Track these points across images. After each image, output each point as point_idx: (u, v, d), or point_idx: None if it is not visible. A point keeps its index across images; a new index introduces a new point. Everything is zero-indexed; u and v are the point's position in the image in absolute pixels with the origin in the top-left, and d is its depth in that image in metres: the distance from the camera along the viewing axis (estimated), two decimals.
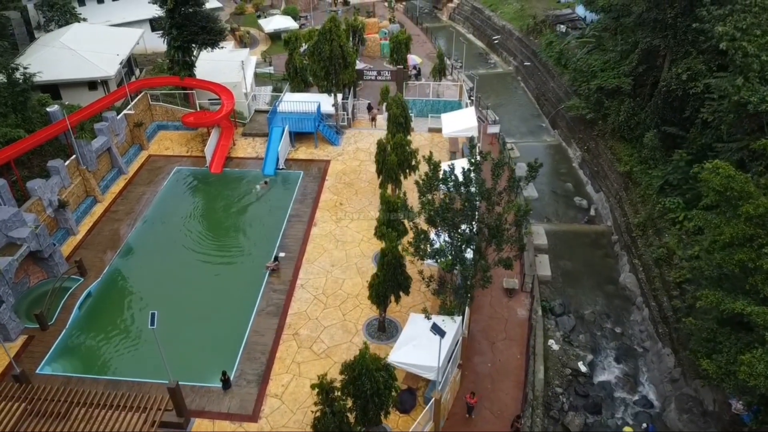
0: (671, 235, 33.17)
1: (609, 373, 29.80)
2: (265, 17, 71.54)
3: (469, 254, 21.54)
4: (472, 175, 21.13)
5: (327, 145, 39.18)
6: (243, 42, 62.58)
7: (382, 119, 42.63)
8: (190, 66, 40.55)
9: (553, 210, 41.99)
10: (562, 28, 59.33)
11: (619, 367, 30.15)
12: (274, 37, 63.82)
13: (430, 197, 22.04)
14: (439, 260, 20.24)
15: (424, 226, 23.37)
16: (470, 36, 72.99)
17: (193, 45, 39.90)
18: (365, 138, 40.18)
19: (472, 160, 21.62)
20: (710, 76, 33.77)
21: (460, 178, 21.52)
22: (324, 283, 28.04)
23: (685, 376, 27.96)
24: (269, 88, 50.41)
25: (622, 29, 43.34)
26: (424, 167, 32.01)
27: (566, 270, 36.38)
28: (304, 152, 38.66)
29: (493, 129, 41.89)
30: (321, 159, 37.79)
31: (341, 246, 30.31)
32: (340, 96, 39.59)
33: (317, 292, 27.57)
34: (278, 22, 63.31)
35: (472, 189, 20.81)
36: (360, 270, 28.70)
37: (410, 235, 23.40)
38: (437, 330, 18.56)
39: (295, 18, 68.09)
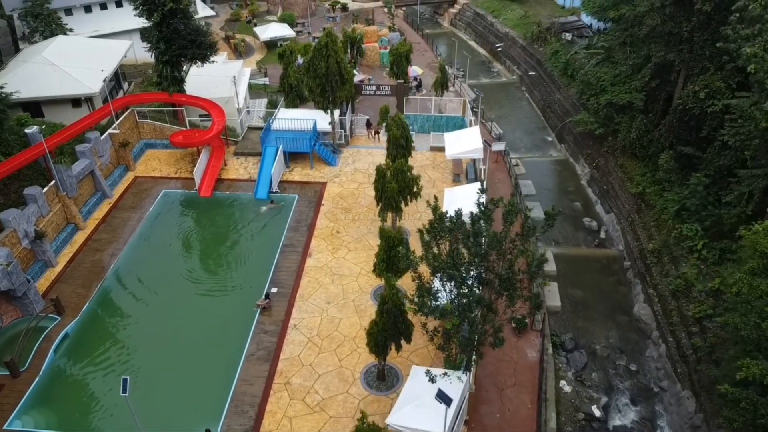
0: (689, 265, 31.18)
1: (624, 416, 27.81)
2: (257, 24, 69.43)
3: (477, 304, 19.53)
4: (482, 224, 19.01)
5: (323, 166, 37.16)
6: (237, 50, 60.55)
7: (383, 133, 40.81)
8: (179, 81, 38.52)
9: (561, 232, 39.95)
10: (568, 36, 57.31)
11: (635, 409, 28.16)
12: (270, 45, 61.76)
13: (435, 250, 19.88)
14: (445, 322, 18.20)
15: (427, 270, 21.33)
16: (472, 43, 70.99)
17: (183, 59, 37.86)
18: (364, 157, 38.13)
19: (482, 208, 19.46)
20: (730, 95, 31.80)
21: (468, 223, 19.42)
22: (319, 324, 26.02)
23: (708, 423, 25.95)
24: (264, 100, 48.43)
25: (633, 41, 41.29)
26: (433, 203, 30.38)
27: (576, 299, 34.39)
28: (299, 173, 36.62)
29: (498, 146, 39.85)
30: (317, 181, 35.75)
31: (338, 280, 28.30)
32: (337, 113, 37.55)
33: (311, 333, 25.55)
34: (274, 29, 61.24)
35: (482, 240, 18.71)
36: (358, 308, 26.68)
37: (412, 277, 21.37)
38: (443, 398, 16.56)
39: (292, 25, 66.03)
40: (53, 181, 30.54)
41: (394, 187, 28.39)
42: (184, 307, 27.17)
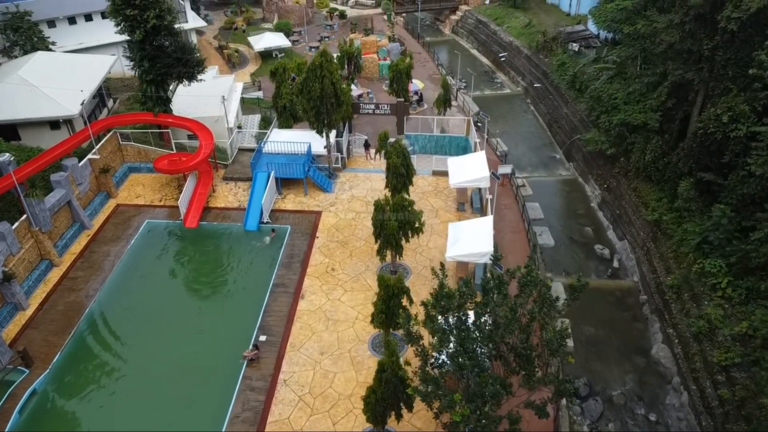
0: (713, 304, 28.85)
1: None
2: (245, 31, 66.95)
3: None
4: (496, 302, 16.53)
5: (318, 192, 34.80)
6: (231, 61, 58.16)
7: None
8: (165, 101, 36.17)
9: (571, 260, 37.60)
10: (575, 46, 54.93)
11: None
12: (265, 55, 59.40)
13: (440, 334, 17.35)
14: (452, 414, 15.81)
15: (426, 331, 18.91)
16: (474, 52, 68.64)
17: (169, 78, 35.51)
18: (362, 182, 35.77)
19: (493, 282, 16.89)
20: (756, 119, 29.53)
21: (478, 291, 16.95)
22: (311, 379, 23.66)
23: None
24: (257, 117, 46.08)
25: (647, 57, 38.90)
26: (437, 240, 27.96)
27: (590, 337, 32.08)
28: (292, 201, 34.26)
29: (505, 169, 37.51)
30: (311, 210, 33.39)
31: (332, 326, 25.93)
32: (333, 134, 35.19)
33: (303, 391, 23.19)
34: (269, 39, 58.83)
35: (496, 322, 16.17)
36: (354, 360, 24.32)
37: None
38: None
39: (288, 34, 63.62)
40: (24, 216, 28.17)
41: (394, 225, 26.06)
42: (163, 357, 24.80)
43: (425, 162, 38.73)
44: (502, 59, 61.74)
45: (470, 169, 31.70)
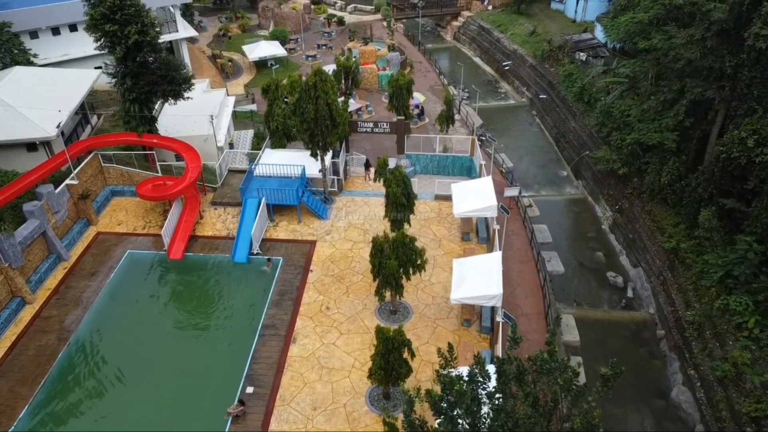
0: (738, 346, 26.61)
1: None
2: (230, 37, 64.75)
3: None
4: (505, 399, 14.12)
5: (313, 219, 32.56)
6: (224, 71, 55.92)
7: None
8: (149, 120, 33.94)
9: (582, 289, 35.37)
10: (582, 56, 52.68)
11: None
12: (260, 65, 57.14)
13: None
14: None
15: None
16: (477, 60, 66.38)
17: (153, 97, 33.29)
18: (359, 208, 33.51)
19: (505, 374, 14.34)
20: None
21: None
22: None
23: None
24: (250, 133, 43.90)
25: (663, 72, 36.62)
26: (440, 275, 25.78)
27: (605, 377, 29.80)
28: (284, 229, 32.01)
29: (511, 192, 35.26)
30: (305, 239, 31.14)
31: (327, 375, 23.68)
32: (328, 157, 32.93)
33: None
34: (264, 48, 56.55)
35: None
36: (350, 417, 22.08)
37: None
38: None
39: (284, 42, 61.37)
40: None
41: (394, 264, 23.81)
42: (140, 413, 22.51)
43: (427, 183, 36.50)
44: (506, 68, 59.53)
45: (476, 197, 29.45)
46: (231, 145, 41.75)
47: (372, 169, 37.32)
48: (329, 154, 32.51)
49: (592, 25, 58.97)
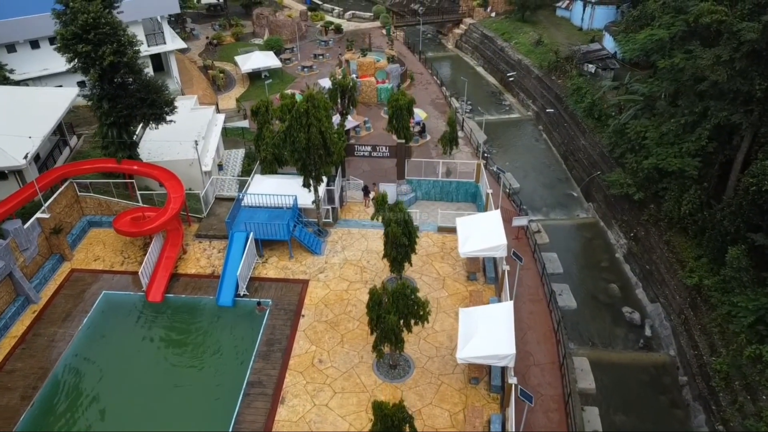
0: None
1: None
2: (216, 45, 62.19)
3: None
4: None
5: (306, 254, 29.99)
6: (216, 83, 53.35)
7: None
8: (130, 145, 31.39)
9: (596, 326, 32.94)
10: (591, 68, 50.19)
11: None
12: (254, 76, 54.59)
13: None
14: None
15: None
16: (480, 69, 63.87)
17: (133, 120, 30.76)
18: (356, 241, 30.95)
19: None
20: None
21: None
22: None
23: None
24: (241, 153, 41.30)
25: (681, 89, 34.10)
26: (445, 321, 23.23)
27: (621, 426, 27.46)
28: (274, 266, 29.44)
29: (520, 221, 32.72)
30: (296, 278, 28.56)
31: None
32: (322, 187, 30.37)
33: None
34: (257, 59, 54.00)
35: None
36: None
37: None
38: None
39: (279, 52, 58.82)
40: None
41: (393, 320, 21.29)
42: None
43: (429, 211, 33.96)
44: (511, 79, 56.98)
45: (483, 234, 26.85)
46: (220, 167, 39.23)
47: (371, 194, 34.83)
48: (323, 184, 29.93)
49: (600, 33, 56.51)
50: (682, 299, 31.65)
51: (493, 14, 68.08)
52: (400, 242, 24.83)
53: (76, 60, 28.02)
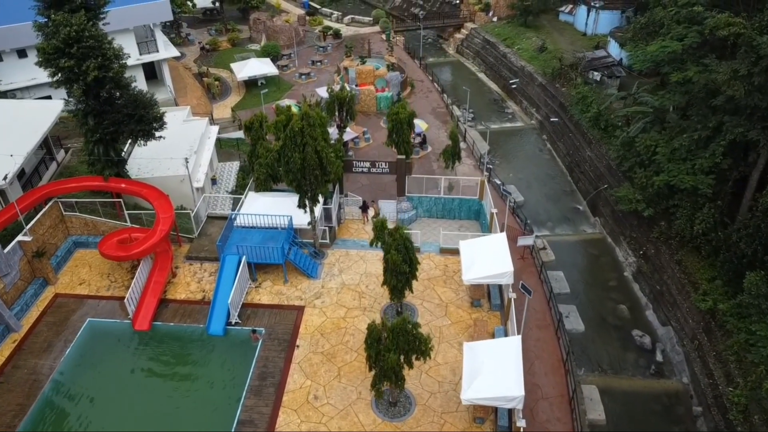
0: None
1: None
2: (208, 50, 60.74)
3: None
4: None
5: (301, 277, 28.59)
6: (210, 91, 51.93)
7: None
8: (117, 162, 30.00)
9: (605, 350, 31.51)
10: (596, 75, 48.76)
11: None
12: (250, 84, 53.17)
13: None
14: None
15: None
16: (482, 76, 62.41)
17: (120, 137, 29.37)
18: (354, 264, 29.54)
19: None
20: None
21: None
22: None
23: None
24: (235, 166, 39.94)
25: (693, 102, 32.67)
26: (448, 353, 21.81)
27: None
28: (268, 290, 28.03)
29: (526, 241, 31.31)
30: (291, 305, 27.15)
31: None
32: (318, 208, 28.96)
33: None
34: (253, 67, 52.54)
35: None
36: None
37: None
38: None
39: (276, 58, 57.38)
40: None
41: (394, 358, 19.90)
42: None
43: (431, 229, 32.56)
44: (513, 86, 55.51)
45: (488, 259, 25.45)
46: (214, 181, 37.85)
47: (370, 212, 33.49)
48: (319, 205, 28.53)
49: (605, 39, 55.08)
50: (695, 323, 30.24)
51: (494, 19, 66.62)
52: (401, 270, 23.44)
53: (59, 75, 26.58)
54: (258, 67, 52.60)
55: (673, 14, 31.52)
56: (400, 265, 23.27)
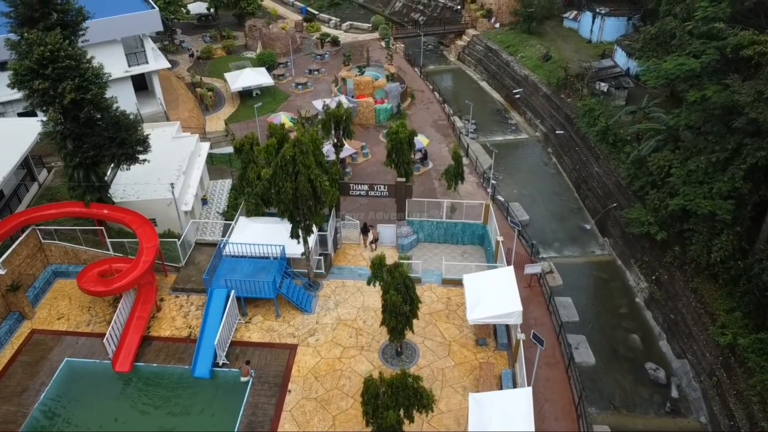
0: None
1: None
2: (196, 56, 58.90)
3: None
4: None
5: (294, 312, 26.81)
6: (204, 103, 50.11)
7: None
8: (99, 187, 28.22)
9: (617, 385, 29.68)
10: (603, 86, 47.03)
11: None
12: (245, 94, 51.36)
13: None
14: None
15: None
16: (484, 84, 60.52)
17: (101, 161, 27.60)
18: (351, 296, 27.75)
19: None
20: None
21: None
22: None
23: None
24: (227, 184, 38.15)
25: (711, 121, 30.85)
26: (452, 399, 19.99)
27: None
28: (259, 326, 26.24)
29: (533, 269, 29.56)
30: (283, 342, 25.36)
31: None
32: (312, 238, 27.15)
33: None
34: (248, 77, 50.65)
35: None
36: None
37: None
38: None
39: (272, 67, 55.55)
40: None
41: (393, 416, 18.11)
42: None
43: (432, 255, 30.85)
44: (517, 96, 53.69)
45: (495, 296, 23.69)
46: (204, 201, 36.09)
47: (370, 235, 31.67)
48: (314, 235, 26.72)
49: (611, 47, 53.32)
50: (714, 358, 28.47)
51: (497, 25, 64.77)
52: (401, 311, 21.67)
53: (33, 97, 24.79)
54: (253, 77, 50.71)
55: (691, 28, 29.66)
56: (401, 306, 21.50)
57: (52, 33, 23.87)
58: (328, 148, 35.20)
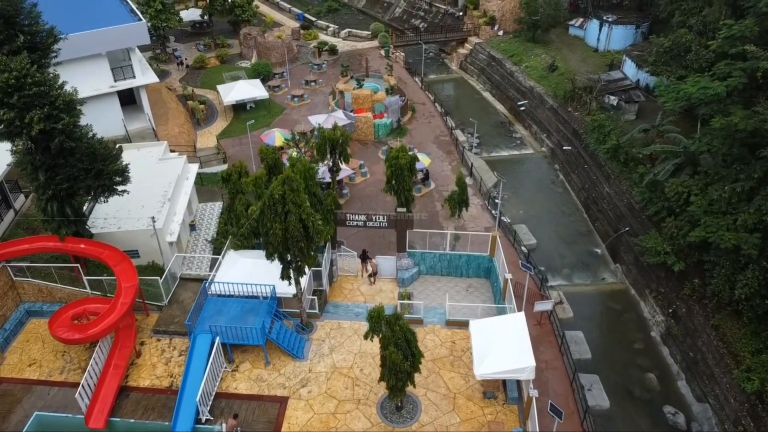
0: None
1: None
2: (185, 65, 56.81)
3: None
4: None
5: (285, 358, 24.69)
6: (195, 117, 48.01)
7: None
8: (76, 221, 26.12)
9: (634, 428, 27.62)
10: (613, 100, 44.93)
11: None
12: (238, 107, 49.25)
13: None
14: None
15: None
16: (487, 95, 58.37)
17: (77, 193, 25.48)
18: (347, 340, 25.62)
19: None
20: None
21: None
22: None
23: None
24: (217, 207, 36.06)
25: (734, 145, 28.74)
26: None
27: None
28: (246, 375, 24.12)
29: (544, 306, 27.50)
30: (273, 395, 23.23)
31: None
32: (305, 279, 25.01)
33: None
34: (242, 90, 48.54)
35: None
36: None
37: None
38: None
39: (267, 78, 53.43)
40: None
41: None
42: None
43: (434, 290, 28.76)
44: (522, 108, 51.60)
45: (505, 348, 21.56)
46: (192, 227, 34.05)
47: (369, 267, 29.51)
48: (306, 276, 24.61)
49: (619, 57, 51.14)
50: (739, 404, 26.38)
51: (500, 33, 62.57)
52: (401, 369, 19.57)
53: None
54: (247, 89, 48.59)
55: (716, 48, 27.51)
56: (401, 365, 19.41)
57: (19, 57, 21.76)
58: (323, 170, 33.20)
